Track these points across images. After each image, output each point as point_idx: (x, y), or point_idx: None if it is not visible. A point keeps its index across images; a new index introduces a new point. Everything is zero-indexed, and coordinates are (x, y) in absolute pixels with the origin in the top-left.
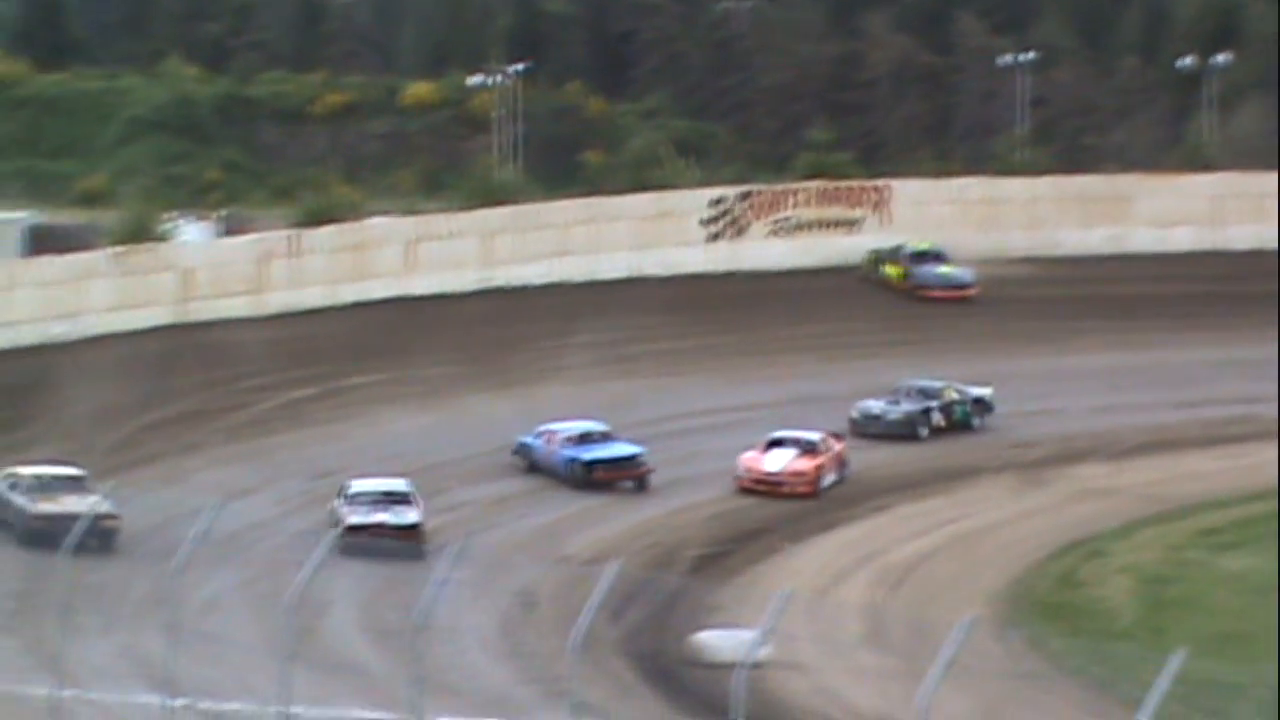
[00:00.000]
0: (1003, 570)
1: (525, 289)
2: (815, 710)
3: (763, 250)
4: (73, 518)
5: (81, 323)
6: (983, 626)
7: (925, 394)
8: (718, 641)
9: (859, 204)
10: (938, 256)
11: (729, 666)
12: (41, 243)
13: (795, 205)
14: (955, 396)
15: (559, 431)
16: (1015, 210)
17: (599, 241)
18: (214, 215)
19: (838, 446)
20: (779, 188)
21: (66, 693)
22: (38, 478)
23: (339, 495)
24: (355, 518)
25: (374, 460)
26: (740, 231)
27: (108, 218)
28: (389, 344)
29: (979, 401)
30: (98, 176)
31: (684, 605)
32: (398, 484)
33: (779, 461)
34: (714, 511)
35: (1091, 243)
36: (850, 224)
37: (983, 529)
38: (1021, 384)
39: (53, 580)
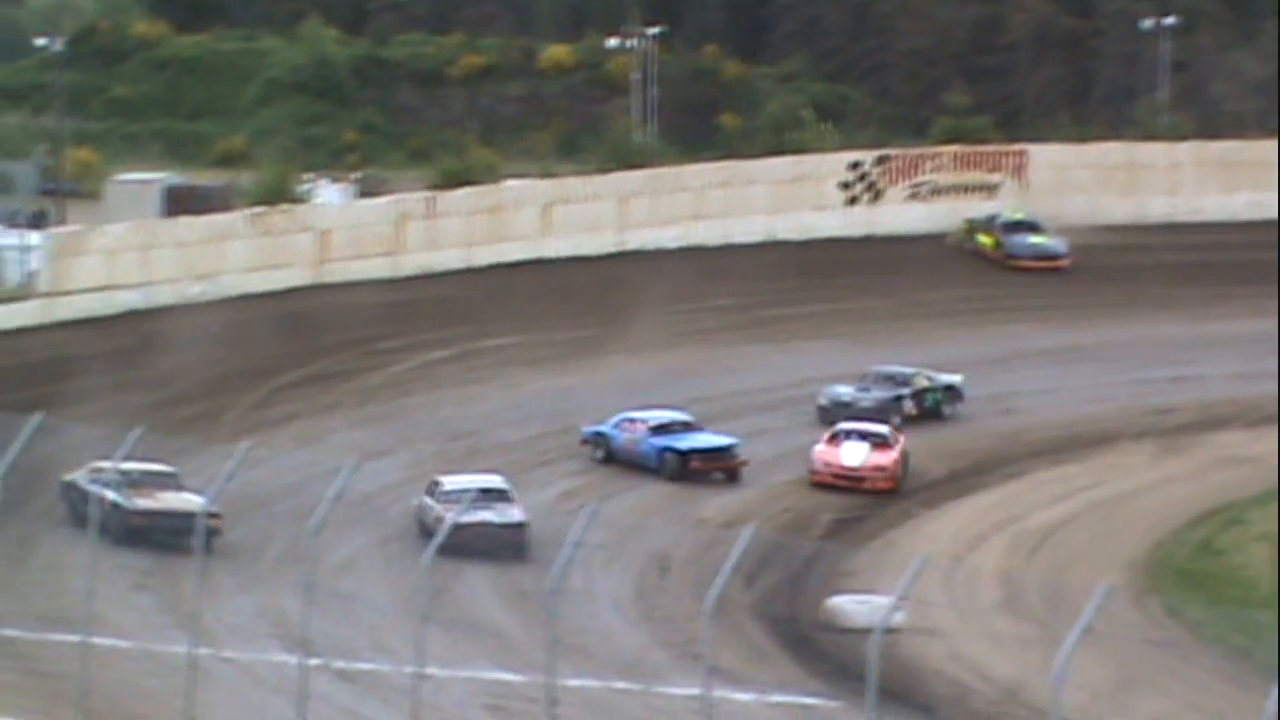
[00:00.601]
0: (1141, 537)
1: (660, 252)
2: (950, 676)
3: (900, 215)
4: (172, 515)
5: (219, 283)
6: (1120, 594)
7: (895, 380)
8: (853, 607)
9: (997, 169)
10: (1032, 226)
11: (864, 632)
12: (180, 204)
13: (933, 170)
14: (926, 383)
15: (641, 420)
16: (1156, 176)
17: (734, 205)
18: (351, 177)
19: (901, 439)
20: (916, 152)
21: (203, 651)
22: (125, 473)
23: (428, 493)
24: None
25: (509, 423)
26: (877, 196)
27: (245, 179)
28: (524, 306)
29: (950, 389)
30: (236, 138)
31: (818, 570)
32: (494, 480)
33: (857, 456)
34: None
35: (1233, 208)
36: (988, 189)
37: (1121, 496)
38: (1161, 350)
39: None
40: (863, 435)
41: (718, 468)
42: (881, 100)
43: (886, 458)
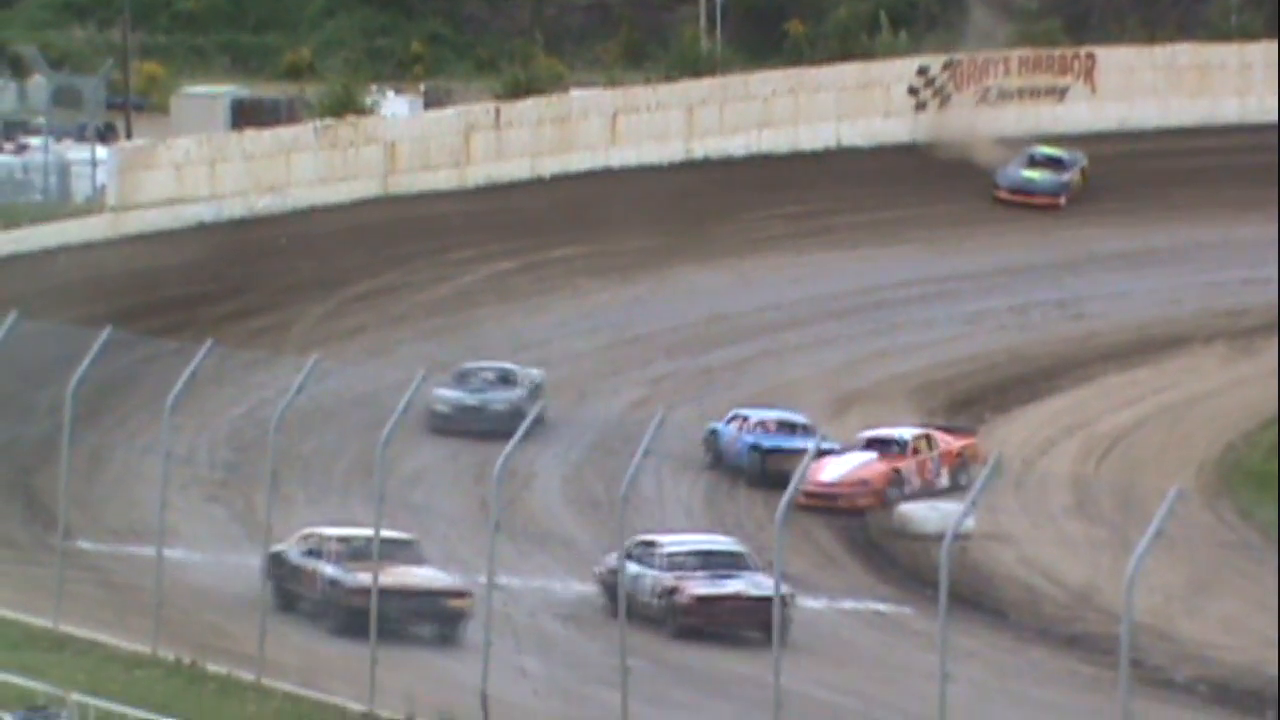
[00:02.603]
0: (1212, 440)
1: (728, 161)
2: (1022, 581)
3: (971, 120)
4: (410, 594)
5: (287, 196)
6: (1192, 497)
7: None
8: (923, 512)
9: (1066, 72)
10: (1058, 162)
11: (935, 538)
12: (246, 116)
13: (1001, 74)
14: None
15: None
16: (1227, 77)
17: (802, 112)
18: (417, 88)
19: (954, 444)
20: (984, 56)
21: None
22: (347, 540)
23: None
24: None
25: (578, 334)
26: (945, 101)
27: (312, 92)
28: (591, 217)
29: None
30: (302, 50)
31: None
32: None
33: (840, 468)
34: (918, 383)
35: None
36: (1058, 92)
37: (1191, 399)
38: (1232, 252)
39: (261, 452)
40: (880, 442)
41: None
42: (948, 4)
43: (877, 470)
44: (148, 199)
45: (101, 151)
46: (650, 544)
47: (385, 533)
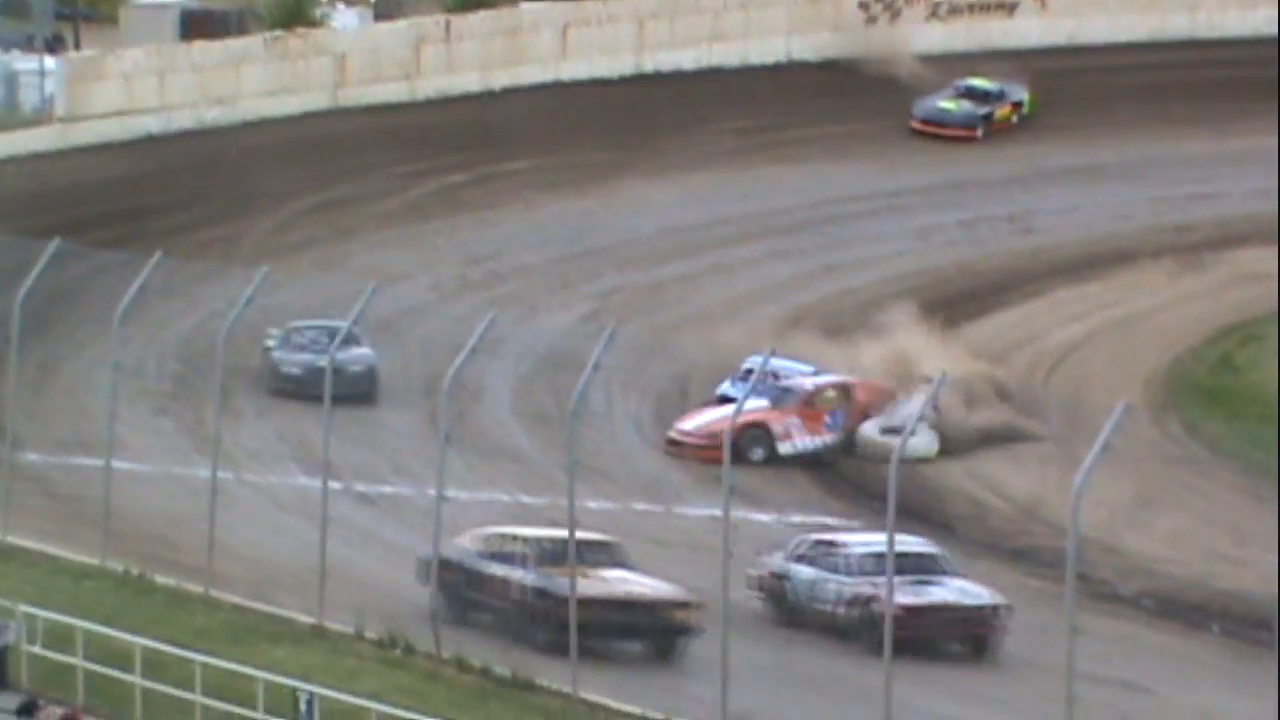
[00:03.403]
0: (1160, 355)
1: (678, 74)
2: (970, 495)
3: (919, 35)
4: (624, 604)
5: (236, 108)
6: (1139, 411)
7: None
8: (872, 430)
9: None
10: (984, 95)
11: (884, 458)
12: (196, 28)
13: None
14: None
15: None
16: None
17: (753, 26)
18: (367, 0)
19: (872, 396)
20: None
21: (224, 475)
22: (542, 543)
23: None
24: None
25: (529, 247)
26: (896, 15)
27: (262, 2)
28: (543, 130)
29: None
30: None
31: None
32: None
33: (701, 419)
34: (868, 298)
35: (1255, 23)
36: (1007, 7)
37: (1140, 314)
38: (1181, 168)
39: (210, 364)
40: (776, 390)
41: None
42: None
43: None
44: (96, 110)
45: (50, 62)
46: (831, 545)
47: (580, 534)
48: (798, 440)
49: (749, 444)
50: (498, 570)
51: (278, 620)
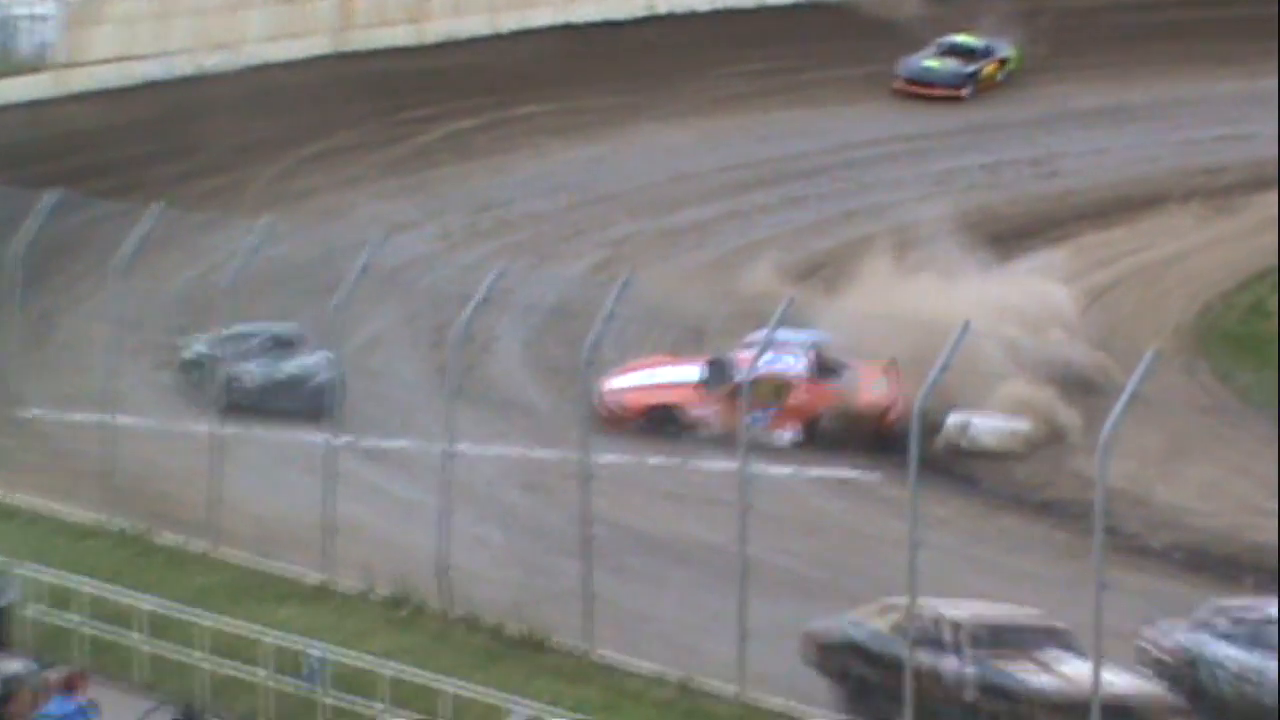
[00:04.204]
0: (1189, 301)
1: (692, 16)
2: (994, 445)
3: None
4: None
5: (239, 53)
6: (1168, 359)
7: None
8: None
9: None
10: (970, 52)
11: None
12: None
13: None
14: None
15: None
16: None
17: None
18: None
19: (820, 395)
20: None
21: (229, 430)
22: (979, 624)
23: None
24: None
25: (540, 194)
26: None
27: None
28: (554, 73)
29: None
30: None
31: None
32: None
33: (625, 381)
34: (887, 244)
35: None
36: None
37: (1168, 259)
38: (1210, 108)
39: (213, 316)
40: (716, 367)
41: None
42: None
43: (656, 398)
44: (95, 56)
45: (47, 6)
46: (1251, 613)
47: (1017, 613)
48: (712, 426)
49: (653, 428)
50: (923, 658)
51: (283, 579)
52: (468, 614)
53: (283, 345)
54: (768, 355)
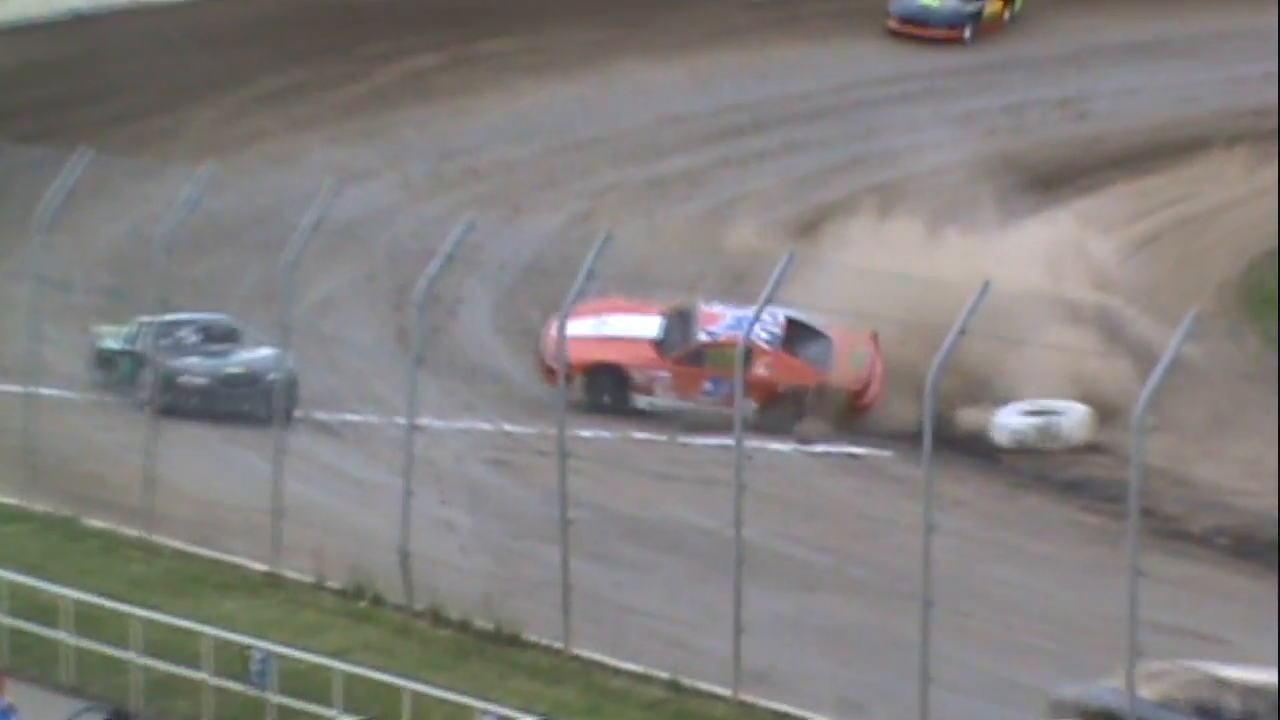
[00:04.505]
0: (1234, 258)
1: None
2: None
3: None
4: None
5: None
6: (1210, 322)
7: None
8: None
9: None
10: None
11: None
12: None
13: None
14: None
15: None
16: None
17: None
18: None
19: (793, 371)
20: None
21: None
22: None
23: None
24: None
25: (511, 139)
26: None
27: None
28: (526, 5)
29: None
30: None
31: None
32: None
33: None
34: (899, 194)
35: None
36: None
37: (1211, 210)
38: (1258, 42)
39: (147, 275)
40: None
41: None
42: None
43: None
44: None
45: None
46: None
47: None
48: (659, 399)
49: (596, 387)
50: None
51: (227, 568)
52: (432, 606)
53: (217, 338)
54: (739, 314)
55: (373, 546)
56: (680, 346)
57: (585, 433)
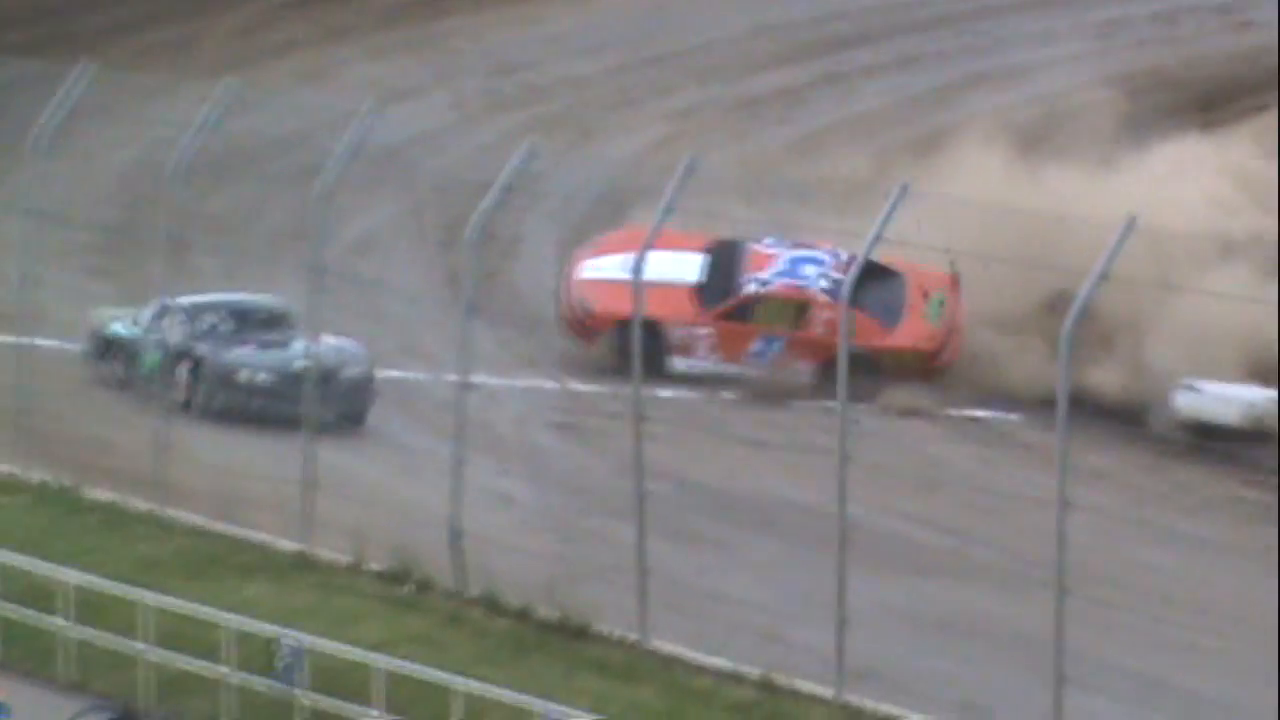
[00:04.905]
0: None
1: None
2: None
3: None
4: None
5: None
6: None
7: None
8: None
9: None
10: None
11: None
12: None
13: None
14: None
15: None
16: None
17: None
18: None
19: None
20: None
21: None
22: None
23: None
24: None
25: (579, 52)
26: None
27: None
28: None
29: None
30: None
31: None
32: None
33: (603, 270)
34: (1027, 117)
35: None
36: None
37: None
38: None
39: (157, 208)
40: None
41: None
42: None
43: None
44: None
45: None
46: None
47: None
48: (700, 361)
49: (626, 347)
50: None
51: (250, 547)
52: (487, 592)
53: (262, 325)
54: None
55: (419, 523)
56: (724, 298)
57: (665, 392)
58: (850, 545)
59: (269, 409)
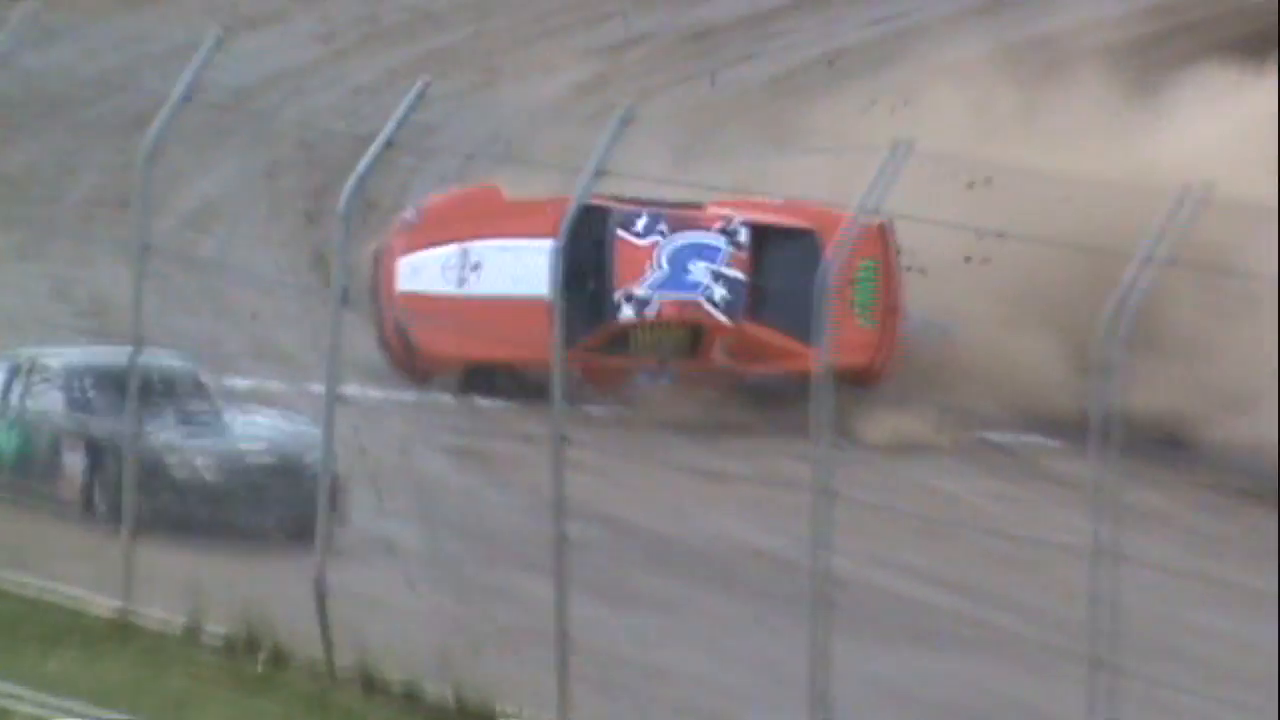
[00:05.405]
0: None
1: None
2: None
3: None
4: None
5: None
6: None
7: None
8: None
9: None
10: None
11: None
12: None
13: None
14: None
15: None
16: None
17: None
18: None
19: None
20: None
21: None
22: None
23: None
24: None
25: None
26: None
27: None
28: None
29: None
30: None
31: None
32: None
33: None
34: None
35: None
36: None
37: None
38: None
39: None
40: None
41: None
42: None
43: None
44: None
45: None
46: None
47: None
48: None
49: (476, 388)
50: None
51: (54, 609)
52: (361, 666)
53: (164, 395)
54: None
55: (274, 576)
56: (590, 322)
57: (593, 408)
58: (831, 606)
59: (219, 516)
